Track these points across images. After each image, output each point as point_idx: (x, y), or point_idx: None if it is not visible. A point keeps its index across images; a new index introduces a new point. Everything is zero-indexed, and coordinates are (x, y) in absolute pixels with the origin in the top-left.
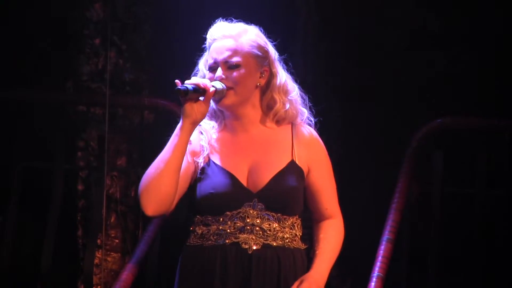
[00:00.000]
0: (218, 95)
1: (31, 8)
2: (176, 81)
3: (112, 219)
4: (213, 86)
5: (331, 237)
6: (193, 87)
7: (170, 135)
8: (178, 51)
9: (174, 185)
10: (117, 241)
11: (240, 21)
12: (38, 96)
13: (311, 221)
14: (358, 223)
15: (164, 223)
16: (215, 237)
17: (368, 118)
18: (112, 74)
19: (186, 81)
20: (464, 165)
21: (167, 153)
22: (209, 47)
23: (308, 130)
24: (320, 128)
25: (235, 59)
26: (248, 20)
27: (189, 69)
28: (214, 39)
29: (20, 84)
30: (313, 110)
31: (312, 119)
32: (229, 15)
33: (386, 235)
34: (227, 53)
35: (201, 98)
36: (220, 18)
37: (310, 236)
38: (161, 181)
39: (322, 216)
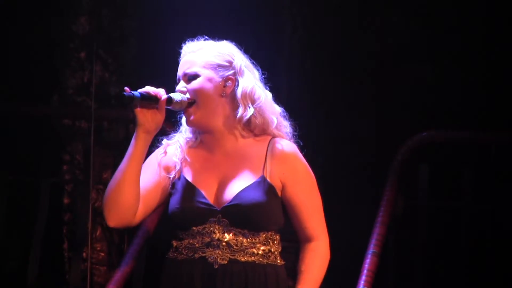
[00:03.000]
0: (178, 106)
1: (17, 22)
2: (126, 88)
3: (98, 233)
4: (169, 96)
5: (314, 265)
6: (140, 94)
7: (156, 149)
8: (164, 65)
9: (133, 195)
10: (102, 254)
11: (209, 39)
12: (24, 109)
13: (294, 235)
14: (343, 237)
15: (149, 237)
16: (186, 251)
17: (353, 132)
18: (97, 87)
19: (139, 89)
20: (450, 179)
21: (123, 164)
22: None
23: (284, 145)
24: (304, 142)
25: (193, 69)
26: (232, 35)
27: (174, 83)
28: (181, 58)
29: (5, 97)
30: (297, 126)
31: (289, 131)
32: (213, 30)
33: (372, 249)
34: (186, 66)
35: (157, 107)
36: (189, 39)
37: (295, 250)
38: (119, 192)
39: (304, 235)
